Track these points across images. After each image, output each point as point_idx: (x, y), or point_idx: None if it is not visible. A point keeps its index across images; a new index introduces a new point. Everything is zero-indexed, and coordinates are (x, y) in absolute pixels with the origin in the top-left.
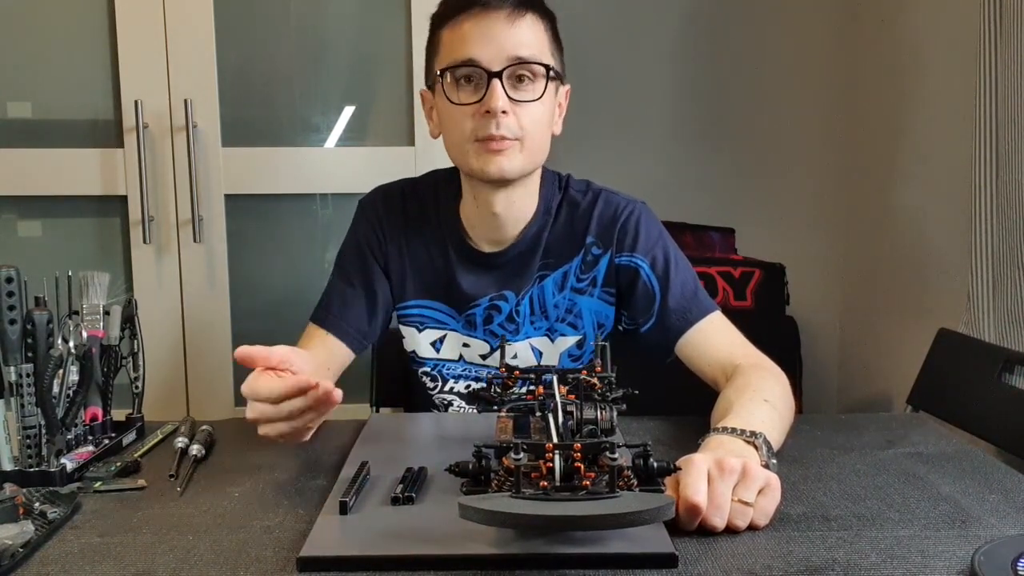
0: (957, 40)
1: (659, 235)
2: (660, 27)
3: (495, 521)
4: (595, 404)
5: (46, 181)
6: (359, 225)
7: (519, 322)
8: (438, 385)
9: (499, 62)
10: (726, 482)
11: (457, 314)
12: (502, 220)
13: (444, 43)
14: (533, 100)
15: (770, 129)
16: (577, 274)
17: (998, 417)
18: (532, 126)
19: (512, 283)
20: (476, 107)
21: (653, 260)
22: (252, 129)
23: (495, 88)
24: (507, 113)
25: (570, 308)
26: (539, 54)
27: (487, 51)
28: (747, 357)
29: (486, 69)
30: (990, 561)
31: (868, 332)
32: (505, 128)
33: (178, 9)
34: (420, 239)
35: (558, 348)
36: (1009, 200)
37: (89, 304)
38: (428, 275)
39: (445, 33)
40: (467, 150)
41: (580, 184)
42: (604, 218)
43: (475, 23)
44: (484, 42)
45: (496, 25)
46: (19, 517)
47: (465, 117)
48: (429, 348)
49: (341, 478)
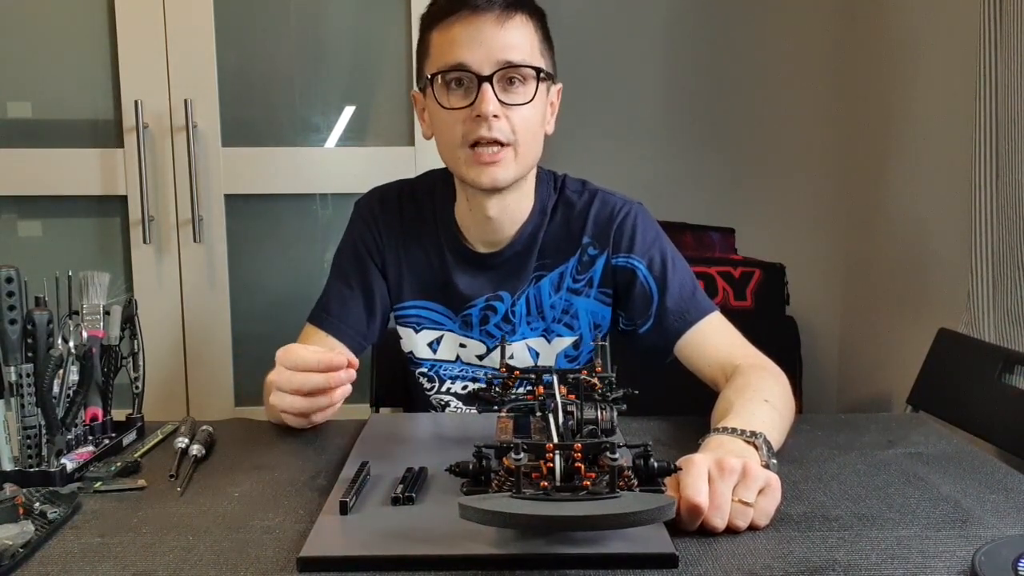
0: (957, 40)
1: (656, 236)
2: (660, 26)
3: (495, 521)
4: (595, 404)
5: (46, 181)
6: (355, 226)
7: (515, 322)
8: (435, 386)
9: (489, 66)
10: (726, 482)
11: (454, 314)
12: (496, 223)
13: (434, 46)
14: (524, 103)
15: (770, 129)
16: (573, 275)
17: (998, 417)
18: (524, 129)
19: (507, 283)
20: (467, 111)
21: (650, 261)
22: (252, 129)
23: (485, 92)
24: (498, 117)
25: (566, 309)
26: (529, 56)
27: (477, 55)
28: (747, 357)
29: (476, 73)
30: (990, 561)
31: (868, 332)
32: (497, 131)
33: (178, 9)
34: (416, 240)
35: (554, 349)
36: (1009, 200)
37: (89, 304)
38: (424, 276)
39: (435, 35)
40: (459, 156)
41: (576, 184)
42: (600, 218)
43: (464, 26)
44: (474, 46)
45: (485, 28)
46: (19, 517)
47: (456, 121)
48: (426, 349)
49: (341, 478)
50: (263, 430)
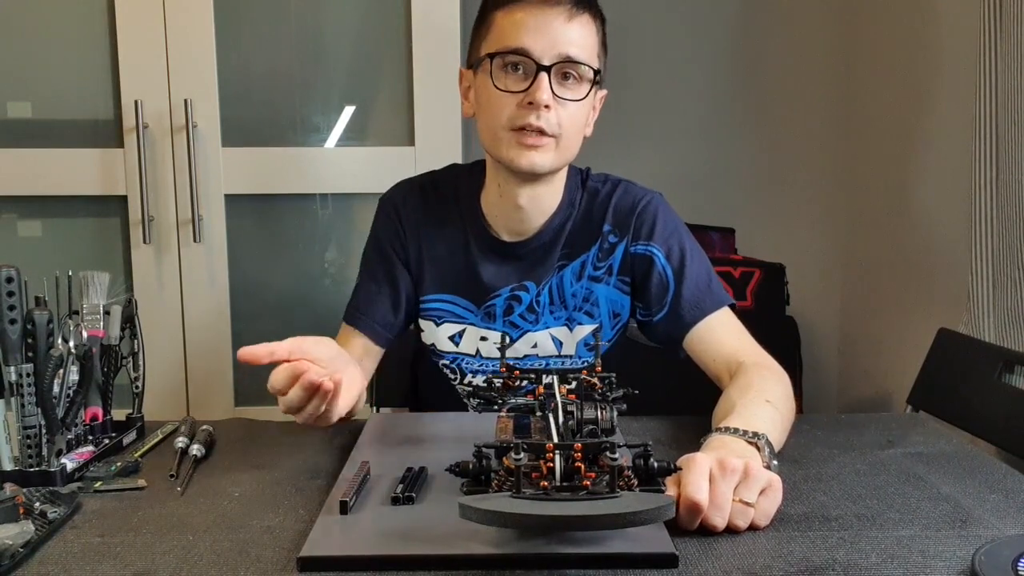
0: (957, 40)
1: (676, 226)
2: (660, 26)
3: (495, 521)
4: (595, 404)
5: (46, 181)
6: (379, 222)
7: (539, 312)
8: (457, 377)
9: (550, 57)
10: (727, 482)
11: (476, 308)
12: (526, 213)
13: (496, 26)
14: (576, 100)
15: (770, 129)
16: (594, 262)
17: (998, 417)
18: (570, 124)
19: (533, 273)
20: (520, 96)
21: (669, 251)
22: (252, 129)
23: (542, 81)
24: (549, 108)
25: (587, 297)
26: (589, 56)
27: (540, 43)
28: (752, 355)
29: (536, 61)
30: (990, 561)
31: (868, 332)
32: (544, 122)
33: (178, 9)
34: (440, 233)
35: (576, 336)
36: (1009, 200)
37: (89, 304)
38: (447, 269)
39: (499, 16)
40: (502, 137)
41: (599, 176)
42: (621, 207)
43: (532, 13)
44: (539, 34)
45: (553, 20)
46: (19, 517)
47: (507, 104)
48: (448, 342)
49: (341, 478)
50: (263, 430)
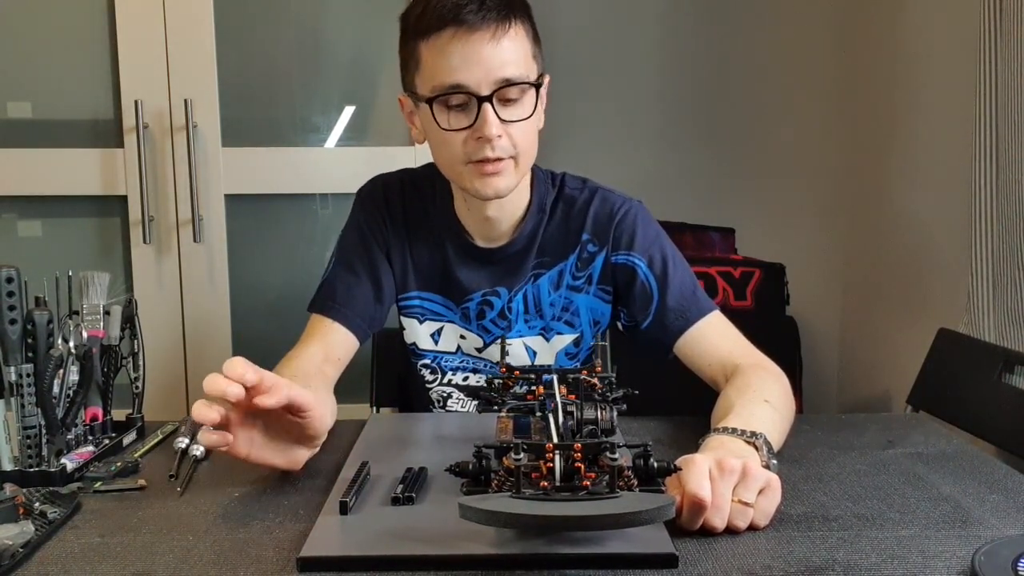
0: (957, 40)
1: (656, 234)
2: (660, 24)
3: (495, 521)
4: (595, 404)
5: (46, 181)
6: (360, 213)
7: (511, 319)
8: (437, 378)
9: (487, 85)
10: (726, 482)
11: (455, 305)
12: (495, 222)
13: (425, 60)
14: (524, 119)
15: (770, 129)
16: (573, 272)
17: (998, 417)
18: (524, 140)
19: (506, 280)
20: (468, 132)
21: (651, 260)
22: (252, 129)
23: (486, 113)
24: (501, 136)
25: (566, 306)
26: (525, 69)
27: (475, 74)
28: (747, 357)
29: (475, 93)
30: (990, 561)
31: (868, 332)
32: (500, 150)
33: (178, 9)
34: (419, 231)
35: (554, 347)
36: (1009, 200)
37: (89, 304)
38: (427, 267)
39: (424, 48)
40: (461, 171)
41: (575, 181)
42: (600, 216)
43: (458, 44)
44: (470, 65)
45: (481, 46)
46: (19, 517)
47: (457, 141)
48: (428, 339)
49: (341, 478)
50: None
